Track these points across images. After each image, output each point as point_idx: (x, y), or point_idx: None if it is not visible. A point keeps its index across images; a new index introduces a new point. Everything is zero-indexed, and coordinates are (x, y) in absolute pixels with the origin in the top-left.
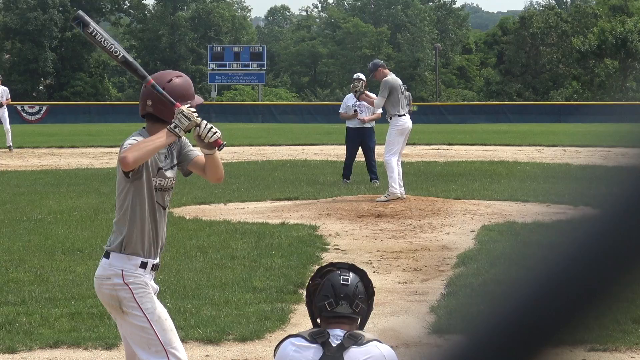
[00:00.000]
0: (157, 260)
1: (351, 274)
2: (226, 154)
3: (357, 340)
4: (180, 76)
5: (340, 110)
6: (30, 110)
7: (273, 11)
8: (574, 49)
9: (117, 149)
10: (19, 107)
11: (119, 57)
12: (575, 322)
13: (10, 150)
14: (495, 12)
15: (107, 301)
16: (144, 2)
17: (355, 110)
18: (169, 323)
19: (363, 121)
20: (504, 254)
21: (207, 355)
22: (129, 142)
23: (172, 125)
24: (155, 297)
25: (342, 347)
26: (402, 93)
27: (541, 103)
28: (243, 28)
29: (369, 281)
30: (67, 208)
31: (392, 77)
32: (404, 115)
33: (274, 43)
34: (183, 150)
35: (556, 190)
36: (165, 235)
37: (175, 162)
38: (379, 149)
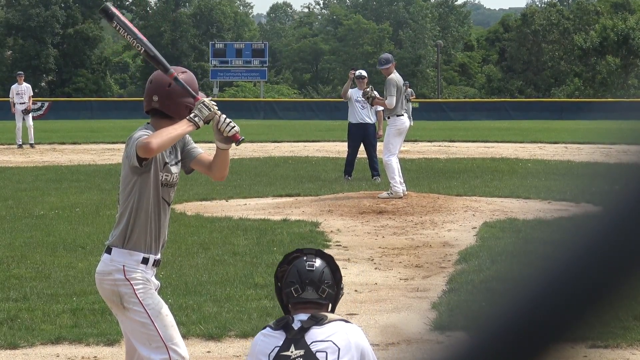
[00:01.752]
0: (158, 256)
1: (317, 260)
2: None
3: (319, 321)
4: (185, 72)
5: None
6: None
7: (275, 8)
8: (575, 46)
9: (119, 145)
10: None
11: (142, 51)
12: (576, 318)
13: (32, 147)
14: (497, 9)
15: (108, 297)
16: None
17: (353, 73)
18: (169, 319)
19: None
20: (506, 251)
21: (208, 352)
22: (139, 134)
23: (192, 115)
24: (156, 293)
25: (303, 329)
26: (403, 92)
27: (543, 100)
28: (245, 25)
29: (336, 266)
30: (69, 204)
31: (396, 75)
32: (402, 115)
33: (275, 40)
34: (186, 147)
35: (558, 188)
36: (167, 232)
37: (179, 158)
38: (380, 146)
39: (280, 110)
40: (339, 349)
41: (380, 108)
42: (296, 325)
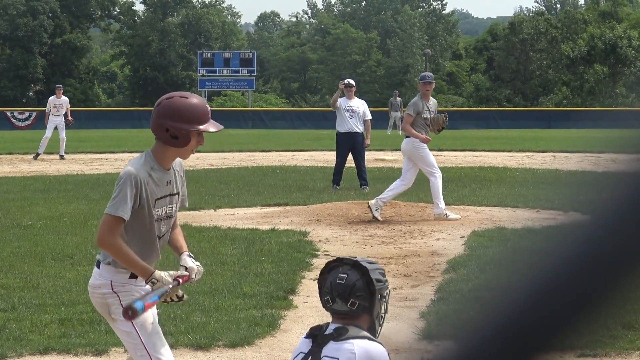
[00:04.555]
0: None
1: (351, 272)
2: (216, 160)
3: (338, 336)
4: (187, 97)
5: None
6: (20, 117)
7: (263, 17)
8: (563, 55)
9: (107, 155)
10: (8, 114)
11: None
12: (565, 327)
13: (62, 158)
14: (485, 18)
15: (99, 309)
16: (133, 8)
17: (342, 79)
18: (155, 327)
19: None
20: (494, 260)
21: None
22: (121, 191)
23: (151, 283)
24: None
25: (324, 341)
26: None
27: (531, 109)
28: (233, 34)
29: (371, 279)
30: (57, 214)
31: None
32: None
33: (263, 49)
34: (182, 189)
35: (546, 196)
36: (160, 250)
37: (176, 191)
38: (368, 155)
39: (269, 120)
40: None
41: (369, 117)
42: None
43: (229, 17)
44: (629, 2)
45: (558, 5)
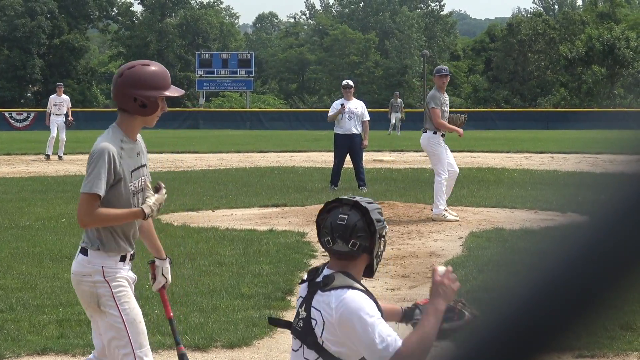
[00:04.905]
0: (133, 250)
1: (351, 213)
2: (214, 161)
3: (324, 286)
4: (155, 65)
5: (330, 113)
6: (18, 117)
7: (261, 18)
8: (561, 56)
9: None
10: (6, 114)
11: None
12: (563, 328)
13: (60, 159)
14: (483, 19)
15: (85, 298)
16: (132, 9)
17: (342, 105)
18: (142, 327)
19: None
20: (492, 261)
21: None
22: (95, 171)
23: (147, 211)
24: (133, 297)
25: (314, 289)
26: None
27: (529, 110)
28: (231, 35)
29: (372, 219)
30: (55, 215)
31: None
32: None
33: (262, 50)
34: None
35: (544, 197)
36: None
37: (144, 162)
38: (366, 156)
39: (267, 121)
40: (323, 322)
41: (367, 118)
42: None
43: (227, 18)
44: (627, 3)
45: (556, 6)
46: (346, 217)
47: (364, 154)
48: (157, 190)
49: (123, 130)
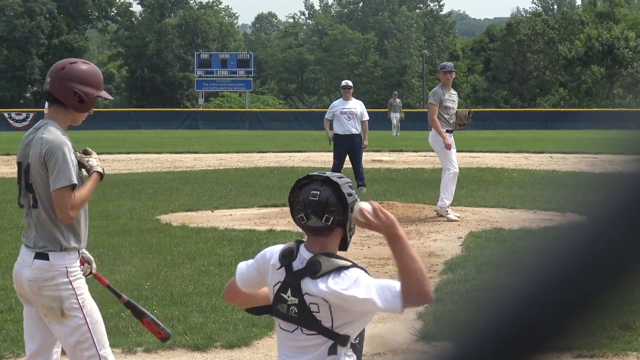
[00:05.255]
0: (85, 243)
1: (322, 188)
2: (213, 161)
3: (314, 272)
4: (87, 63)
5: (326, 116)
6: (17, 117)
7: (260, 18)
8: (560, 56)
9: (103, 157)
10: (5, 114)
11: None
12: (562, 328)
13: None
14: (482, 19)
15: (47, 303)
16: (131, 9)
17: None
18: (103, 326)
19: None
20: (491, 261)
21: None
22: (60, 164)
23: (100, 169)
24: (91, 298)
25: (300, 274)
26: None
27: (528, 110)
28: (230, 35)
29: (343, 193)
30: None
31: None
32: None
33: (261, 50)
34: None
35: (543, 197)
36: None
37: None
38: (366, 156)
39: (266, 121)
40: (329, 305)
41: (366, 118)
42: (297, 265)
43: (226, 18)
44: (626, 3)
45: (555, 6)
46: (318, 192)
47: (364, 153)
48: (86, 153)
49: (60, 124)
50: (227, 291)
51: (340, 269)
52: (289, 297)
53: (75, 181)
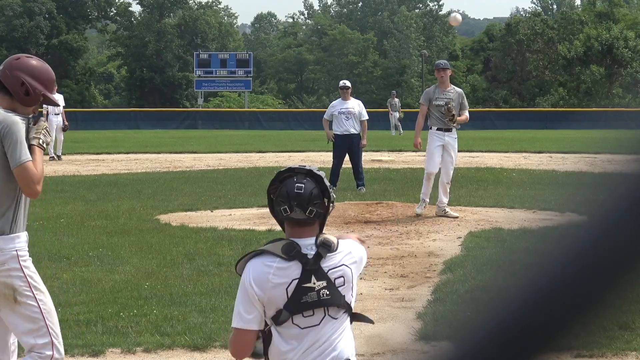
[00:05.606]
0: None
1: (306, 181)
2: (213, 161)
3: (331, 247)
4: (45, 63)
5: (325, 117)
6: None
7: (259, 18)
8: (560, 56)
9: (104, 156)
10: None
11: None
12: (561, 328)
13: (58, 159)
14: (481, 18)
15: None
16: (130, 9)
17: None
18: (56, 316)
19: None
20: (491, 261)
21: None
22: (22, 149)
23: (41, 142)
24: (43, 285)
25: (319, 256)
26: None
27: (527, 110)
28: (229, 35)
29: (325, 186)
30: (54, 215)
31: None
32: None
33: (260, 50)
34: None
35: (542, 197)
36: None
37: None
38: (365, 156)
39: (265, 121)
40: (351, 270)
41: (365, 117)
42: (309, 253)
43: (226, 18)
44: (626, 3)
45: (554, 6)
46: (302, 185)
47: (363, 153)
48: (35, 123)
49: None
50: (240, 346)
51: (339, 238)
52: (314, 283)
53: (30, 157)
